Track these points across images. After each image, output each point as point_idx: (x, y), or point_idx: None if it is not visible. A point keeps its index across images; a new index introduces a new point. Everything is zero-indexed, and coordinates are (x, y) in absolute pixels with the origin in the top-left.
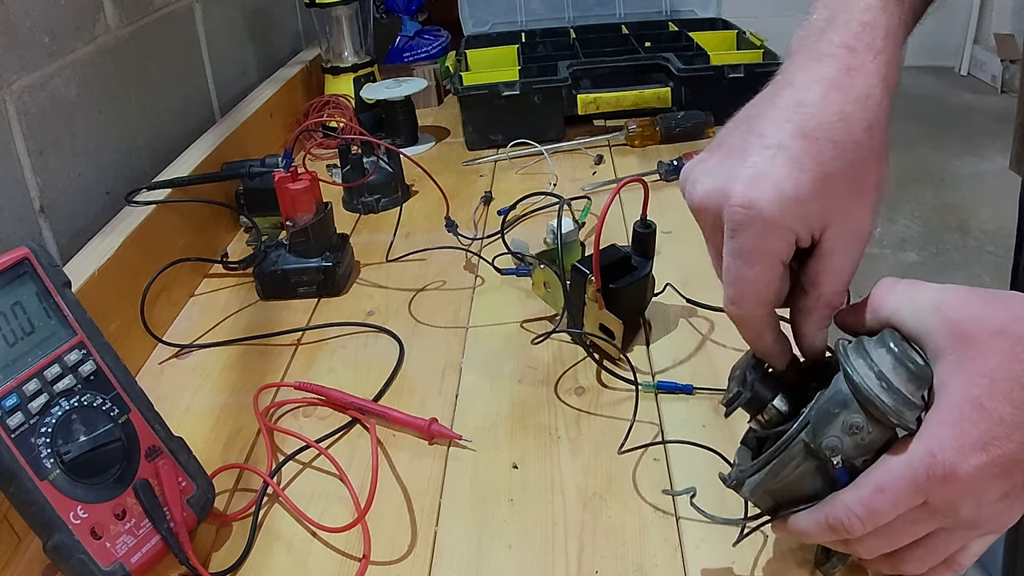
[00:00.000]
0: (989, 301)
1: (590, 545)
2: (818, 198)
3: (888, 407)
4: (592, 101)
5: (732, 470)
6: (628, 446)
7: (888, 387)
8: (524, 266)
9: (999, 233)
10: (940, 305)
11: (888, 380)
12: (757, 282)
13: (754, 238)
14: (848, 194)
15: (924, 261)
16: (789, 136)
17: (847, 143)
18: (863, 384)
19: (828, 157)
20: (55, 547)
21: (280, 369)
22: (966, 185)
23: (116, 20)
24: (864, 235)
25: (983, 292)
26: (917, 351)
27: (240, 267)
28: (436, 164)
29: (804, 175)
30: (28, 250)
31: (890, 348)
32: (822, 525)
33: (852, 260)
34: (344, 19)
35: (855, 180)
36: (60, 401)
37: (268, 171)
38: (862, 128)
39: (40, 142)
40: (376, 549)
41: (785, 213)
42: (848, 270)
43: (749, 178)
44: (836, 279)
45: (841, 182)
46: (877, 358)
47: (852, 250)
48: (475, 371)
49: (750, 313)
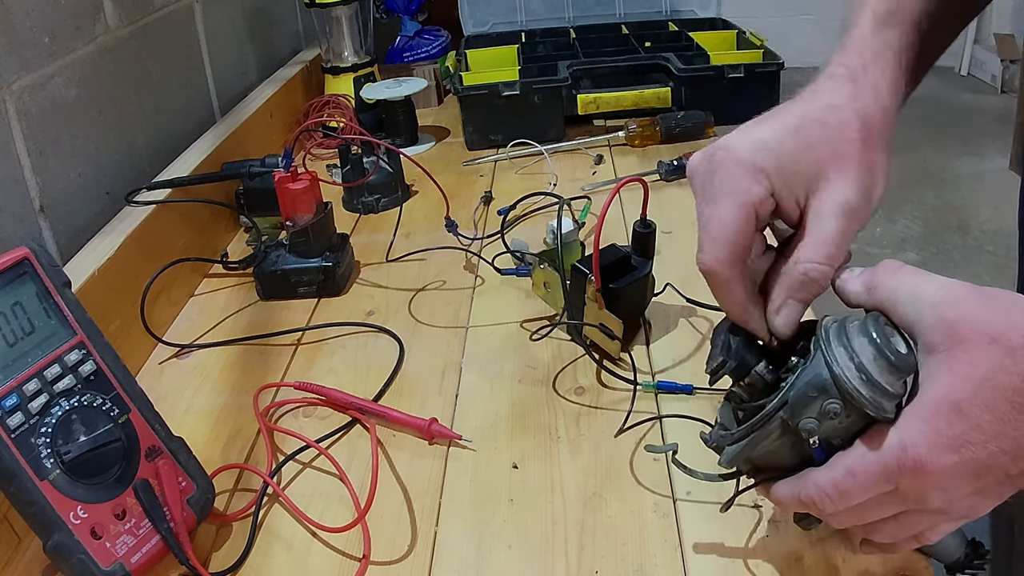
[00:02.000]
0: (990, 303)
1: (590, 545)
2: (796, 157)
3: (866, 399)
4: (592, 101)
5: (713, 430)
6: (626, 440)
7: (867, 379)
8: (524, 266)
9: (999, 233)
10: (939, 301)
11: (867, 372)
12: (723, 221)
13: (725, 178)
14: (832, 165)
15: (924, 261)
16: (780, 115)
17: (834, 125)
18: (842, 375)
19: (812, 132)
20: (55, 547)
21: (280, 369)
22: (966, 185)
23: (116, 20)
24: (850, 210)
25: (986, 293)
26: (903, 337)
27: (240, 267)
28: (436, 164)
29: (785, 133)
30: (28, 250)
31: (872, 338)
32: (796, 499)
33: (834, 231)
34: (344, 19)
35: (840, 155)
36: (60, 401)
37: (268, 171)
38: (851, 116)
39: (40, 142)
40: (376, 549)
41: (756, 154)
42: (830, 242)
43: (735, 136)
44: (814, 248)
45: (824, 153)
46: (858, 347)
47: (834, 220)
48: (475, 371)
49: (714, 257)
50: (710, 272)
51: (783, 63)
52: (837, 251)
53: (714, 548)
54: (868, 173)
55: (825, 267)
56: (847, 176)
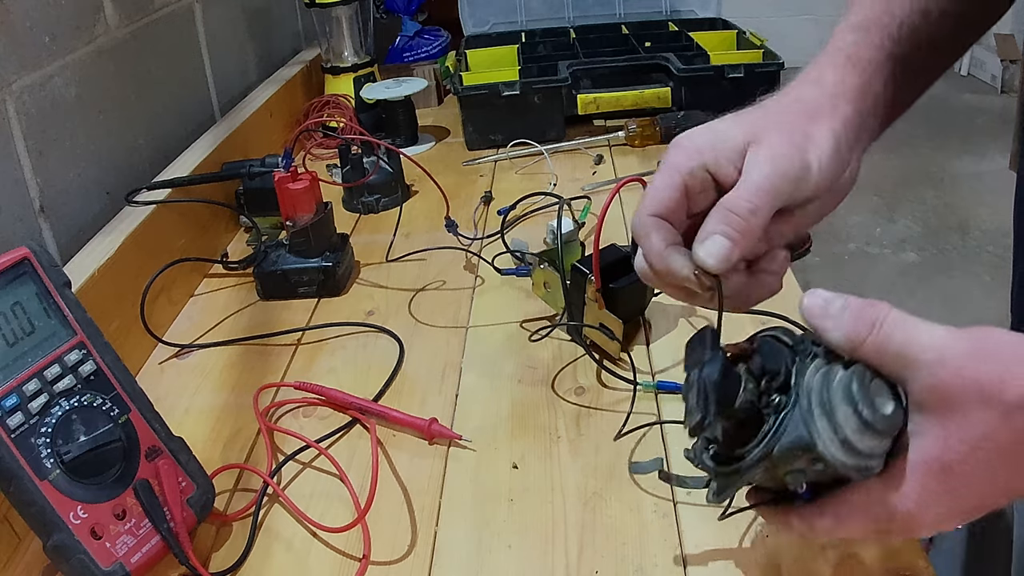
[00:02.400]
0: (983, 359)
1: (590, 545)
2: (735, 134)
3: (851, 467)
4: (592, 101)
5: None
6: (626, 440)
7: (852, 450)
8: (524, 266)
9: (999, 233)
10: (930, 361)
11: (852, 445)
12: (655, 187)
13: (668, 159)
14: (766, 132)
15: (924, 261)
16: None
17: (773, 108)
18: (826, 451)
19: (752, 112)
20: (55, 547)
21: (280, 369)
22: (966, 185)
23: (116, 20)
24: (775, 159)
25: (979, 344)
26: (891, 387)
27: (240, 267)
28: (436, 164)
29: (732, 120)
30: (28, 250)
31: (856, 408)
32: (787, 527)
33: (759, 177)
34: (344, 19)
35: (775, 123)
36: (60, 401)
37: (268, 171)
38: (790, 99)
39: (40, 142)
40: (376, 549)
41: (695, 136)
42: (758, 186)
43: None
44: (738, 189)
45: (760, 123)
46: (842, 418)
47: (759, 169)
48: (475, 371)
49: (642, 212)
50: (634, 226)
51: (783, 63)
52: (759, 198)
53: (714, 548)
54: (803, 138)
55: (747, 203)
56: (776, 137)
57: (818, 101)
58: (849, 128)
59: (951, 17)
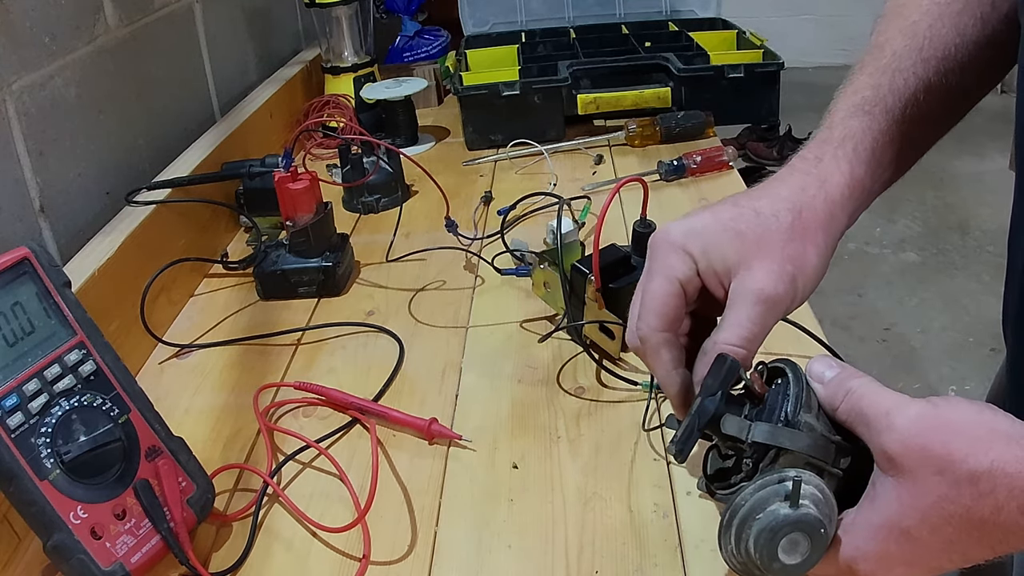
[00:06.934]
0: (941, 432)
1: (590, 545)
2: (723, 243)
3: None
4: (592, 101)
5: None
6: (627, 442)
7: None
8: (524, 266)
9: (999, 233)
10: (892, 429)
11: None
12: (655, 295)
13: (658, 258)
14: (755, 253)
15: (924, 261)
16: (722, 205)
17: (767, 215)
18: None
19: (745, 221)
20: (55, 547)
21: (280, 369)
22: (966, 185)
23: (116, 20)
24: (765, 296)
25: (940, 417)
26: (807, 538)
27: (240, 267)
28: (436, 164)
29: (716, 221)
30: (28, 250)
31: (759, 553)
32: None
33: (751, 318)
34: (344, 19)
35: (765, 243)
36: (60, 401)
37: (268, 171)
38: (786, 208)
39: (40, 142)
40: (376, 549)
41: (687, 238)
42: (744, 325)
43: (674, 222)
44: (731, 331)
45: (750, 241)
46: (750, 548)
47: (748, 306)
48: (475, 371)
49: (646, 324)
50: (643, 339)
51: (783, 63)
52: (751, 334)
53: (714, 548)
54: (791, 263)
55: (739, 349)
56: (767, 266)
57: (815, 211)
58: (840, 231)
59: (951, 90)
